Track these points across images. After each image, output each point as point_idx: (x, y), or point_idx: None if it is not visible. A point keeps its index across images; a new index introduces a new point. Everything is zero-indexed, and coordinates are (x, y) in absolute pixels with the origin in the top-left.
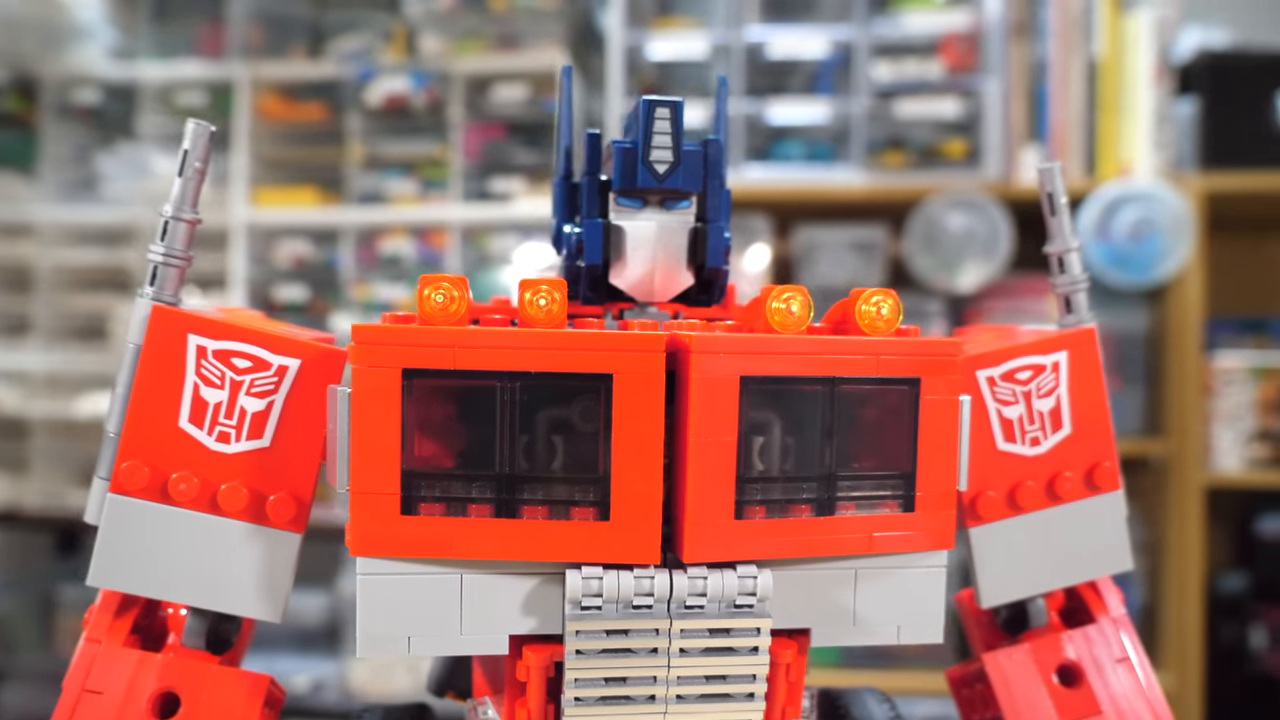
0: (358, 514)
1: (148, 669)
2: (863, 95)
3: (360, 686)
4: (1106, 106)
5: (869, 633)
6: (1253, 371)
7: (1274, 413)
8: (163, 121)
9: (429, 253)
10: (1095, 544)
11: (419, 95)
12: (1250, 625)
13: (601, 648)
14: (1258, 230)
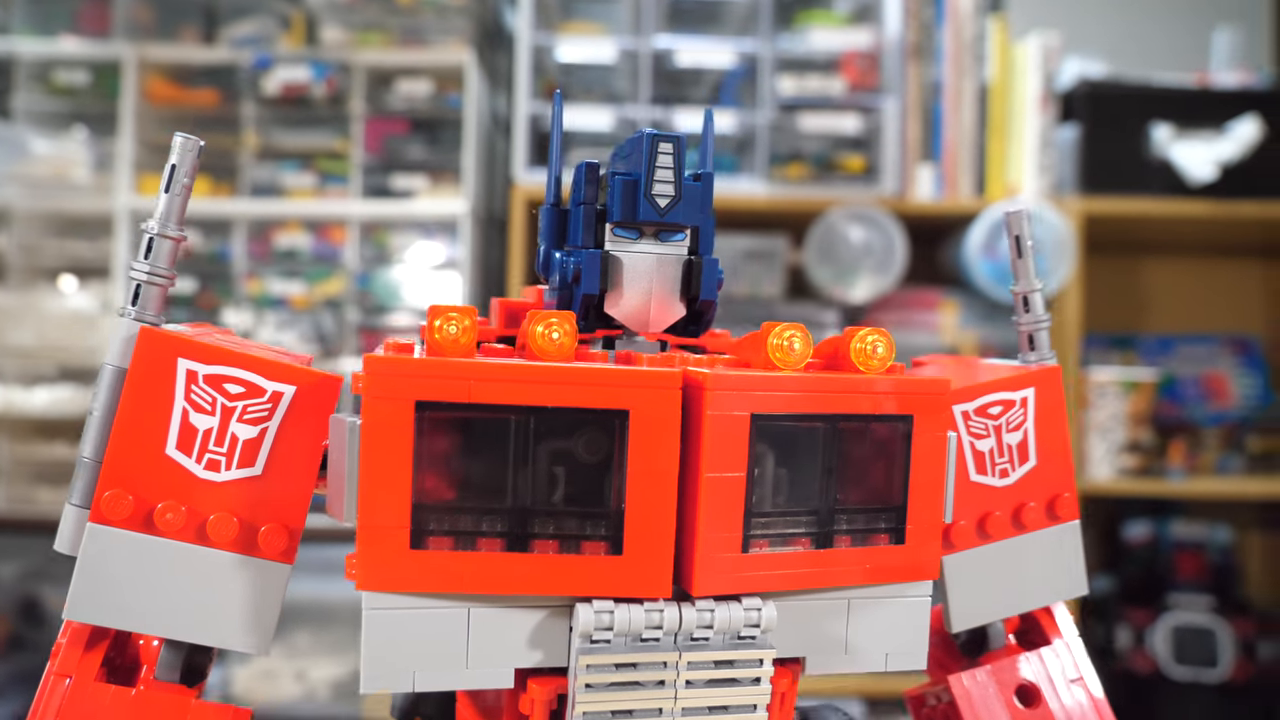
0: (366, 548)
1: (122, 706)
2: (766, 108)
3: (244, 693)
4: (996, 129)
5: (859, 661)
6: (1124, 385)
7: (1142, 425)
8: (40, 100)
9: (326, 248)
10: (1055, 570)
11: (319, 86)
12: (1116, 625)
13: (610, 681)
14: (1130, 252)
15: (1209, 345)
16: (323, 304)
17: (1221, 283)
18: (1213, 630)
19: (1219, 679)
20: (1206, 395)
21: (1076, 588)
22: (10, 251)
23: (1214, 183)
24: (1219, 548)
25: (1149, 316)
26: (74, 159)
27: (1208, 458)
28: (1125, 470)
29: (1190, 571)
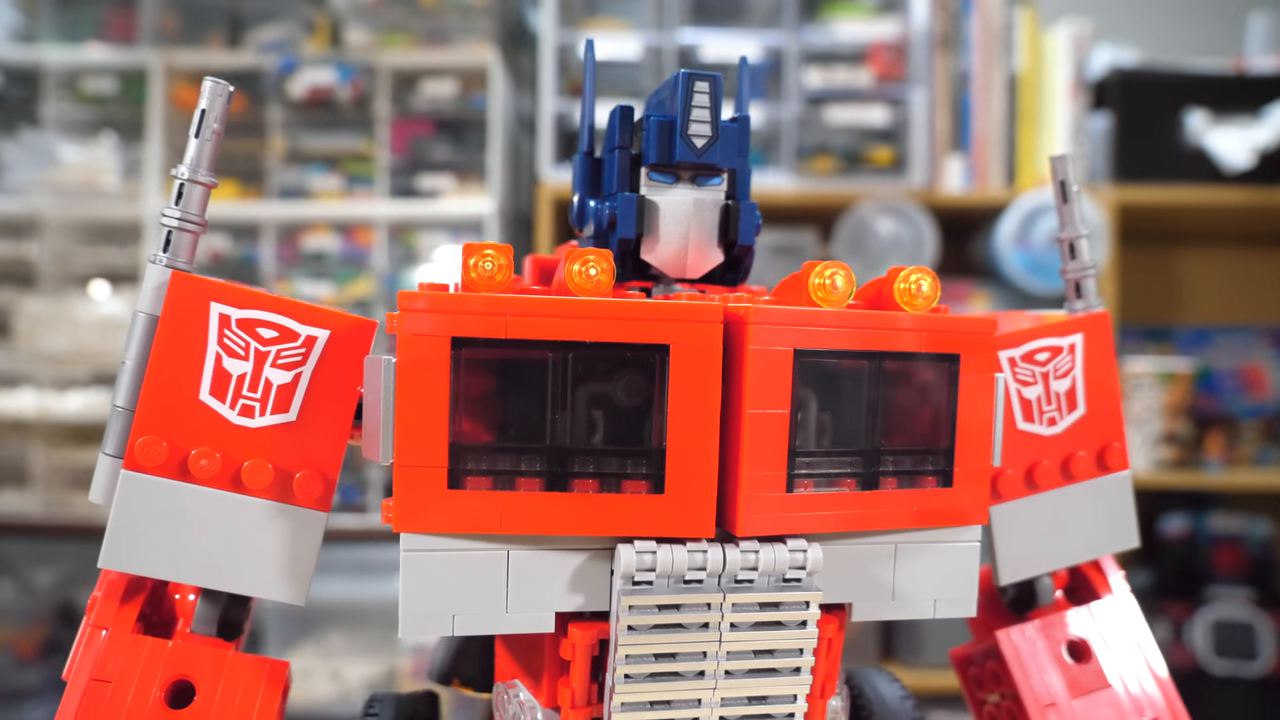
0: (403, 488)
1: (159, 656)
2: (793, 101)
3: None
4: (1026, 119)
5: (907, 607)
6: (1161, 376)
7: (1179, 417)
8: (69, 108)
9: (354, 250)
10: (1105, 522)
11: (344, 88)
12: (1154, 620)
13: (653, 623)
14: (1165, 242)
15: (1246, 336)
16: (352, 305)
17: (1259, 273)
18: (1252, 624)
19: (1259, 673)
20: (1244, 387)
21: (1127, 539)
22: (42, 259)
23: (1250, 170)
24: (1258, 541)
25: (1185, 307)
26: (103, 166)
27: (1245, 450)
28: (1162, 462)
29: (1229, 565)
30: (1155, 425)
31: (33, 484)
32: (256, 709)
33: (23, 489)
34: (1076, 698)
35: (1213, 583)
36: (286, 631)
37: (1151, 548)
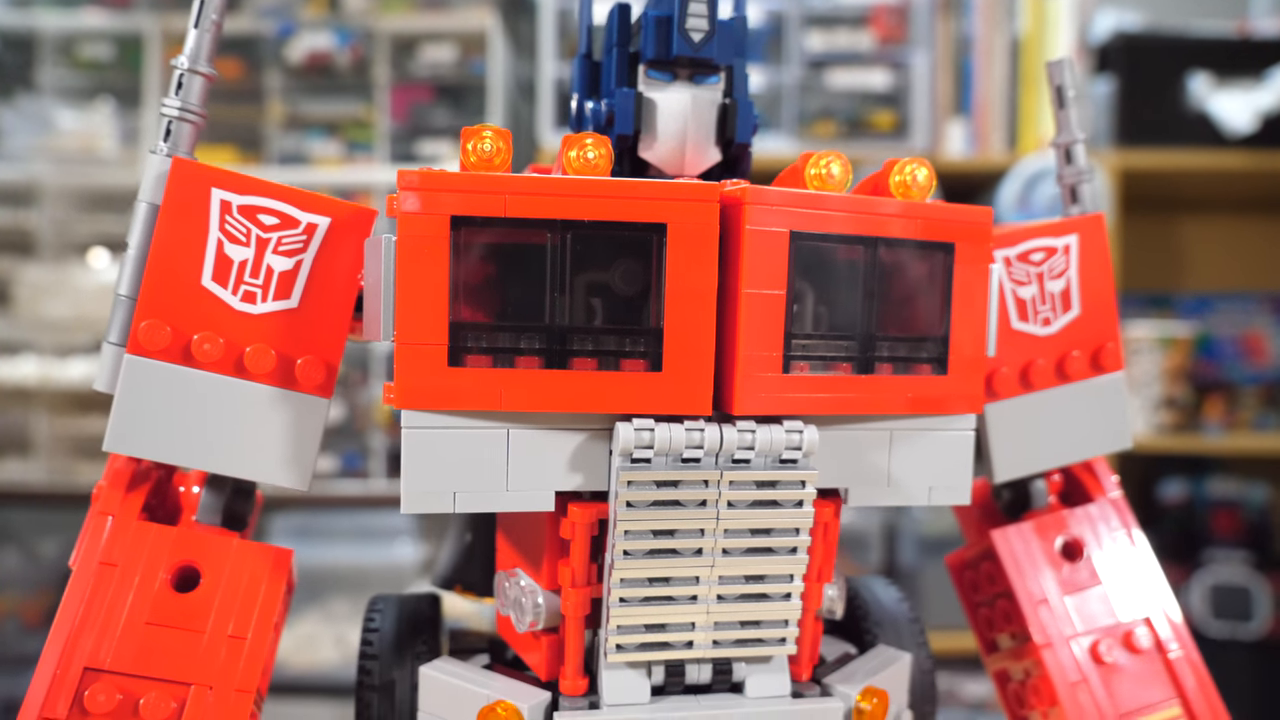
0: (404, 366)
1: (165, 541)
2: (794, 65)
3: (284, 658)
4: (1028, 83)
5: (902, 494)
6: (1161, 341)
7: (1178, 381)
8: (65, 74)
9: None
10: (1099, 422)
11: (343, 53)
12: None
13: (652, 499)
14: (1167, 209)
15: (1247, 304)
16: None
17: (1260, 240)
18: (1249, 587)
19: (1256, 635)
20: (1244, 354)
21: (1120, 440)
22: (41, 227)
23: (1253, 134)
24: (1256, 506)
25: (1186, 275)
26: (100, 132)
27: (1245, 415)
28: (1161, 426)
29: (1227, 529)
30: (1155, 390)
31: (36, 452)
32: (261, 595)
33: (26, 458)
34: (1069, 594)
35: (1210, 546)
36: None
37: (1150, 512)
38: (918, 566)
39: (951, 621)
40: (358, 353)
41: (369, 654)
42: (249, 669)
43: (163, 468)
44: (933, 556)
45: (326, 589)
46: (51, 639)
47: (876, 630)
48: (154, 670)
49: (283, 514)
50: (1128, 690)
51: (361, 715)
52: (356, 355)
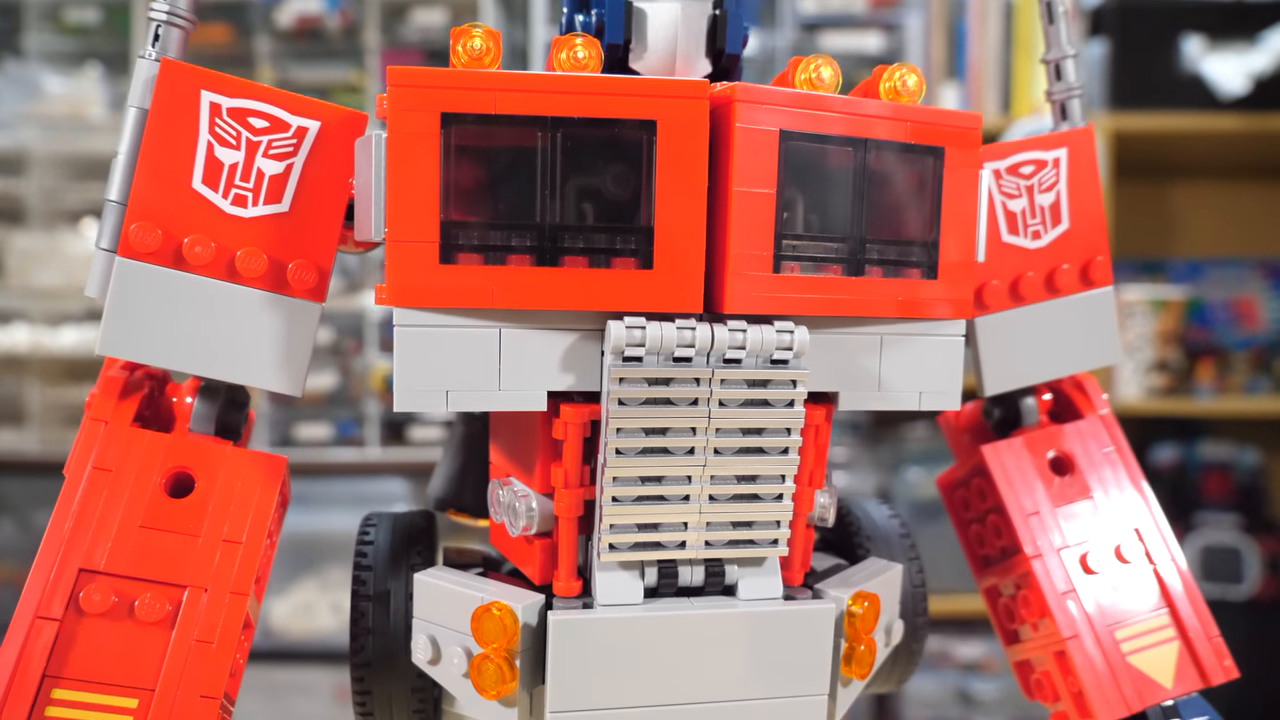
0: (395, 263)
1: (159, 447)
2: (787, 28)
3: (281, 626)
4: (1022, 47)
5: (892, 398)
6: (1153, 304)
7: (1171, 344)
8: (51, 39)
9: None
10: (1089, 337)
11: (332, 18)
12: None
13: (643, 397)
14: (1159, 175)
15: (1239, 269)
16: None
17: (1251, 206)
18: (1239, 549)
19: (1245, 595)
20: (1236, 319)
21: (1110, 355)
22: (31, 195)
23: (1245, 96)
24: (1247, 469)
25: (1178, 240)
26: (89, 97)
27: (1236, 380)
28: (1153, 389)
29: (1218, 491)
30: (1147, 353)
31: (29, 422)
32: (255, 500)
33: (20, 428)
34: (1059, 507)
35: (1201, 509)
36: (287, 565)
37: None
38: (911, 529)
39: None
40: (351, 321)
41: (363, 565)
42: (244, 572)
43: (155, 378)
44: (926, 520)
45: (322, 557)
46: (46, 541)
47: (868, 544)
48: (149, 573)
49: None
50: (1117, 600)
51: (357, 624)
52: (350, 324)
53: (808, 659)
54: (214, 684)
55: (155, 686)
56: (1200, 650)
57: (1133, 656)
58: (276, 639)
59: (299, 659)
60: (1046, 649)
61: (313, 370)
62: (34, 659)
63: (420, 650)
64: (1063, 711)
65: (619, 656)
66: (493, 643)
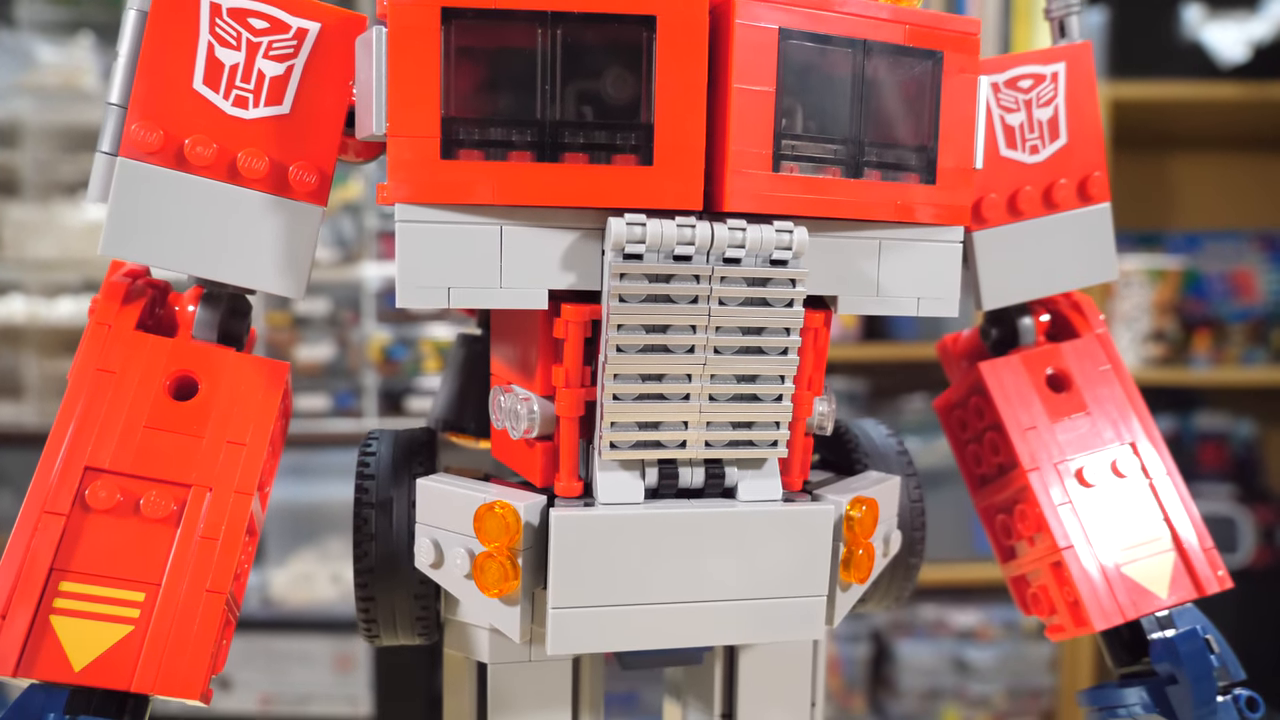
0: (396, 159)
1: (162, 350)
2: None
3: (281, 596)
4: (1020, 14)
5: (890, 304)
6: (1150, 274)
7: (1167, 314)
8: (43, 9)
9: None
10: (1086, 252)
11: None
12: None
13: (644, 294)
14: (1158, 146)
15: (1237, 241)
16: (342, 209)
17: (1249, 178)
18: (1234, 518)
19: (1239, 565)
20: (1233, 291)
21: (1107, 271)
22: (25, 166)
23: (1245, 64)
24: (1242, 440)
25: (1176, 213)
26: (82, 66)
27: (1233, 351)
28: (1149, 359)
29: (1213, 461)
30: (1144, 323)
31: (26, 394)
32: (259, 404)
33: (17, 400)
34: (1056, 422)
35: (1197, 479)
36: (287, 537)
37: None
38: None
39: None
40: (349, 293)
41: (365, 474)
42: (248, 472)
43: (157, 287)
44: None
45: (321, 528)
46: (51, 440)
47: (866, 461)
48: (154, 471)
49: None
50: (1112, 512)
51: (360, 531)
52: (347, 295)
53: (806, 560)
54: (220, 579)
55: (161, 581)
56: (1195, 561)
57: (1128, 567)
58: (276, 609)
59: (298, 628)
60: (1043, 561)
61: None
62: (41, 552)
63: (423, 554)
64: (1058, 624)
65: (620, 554)
66: (495, 541)
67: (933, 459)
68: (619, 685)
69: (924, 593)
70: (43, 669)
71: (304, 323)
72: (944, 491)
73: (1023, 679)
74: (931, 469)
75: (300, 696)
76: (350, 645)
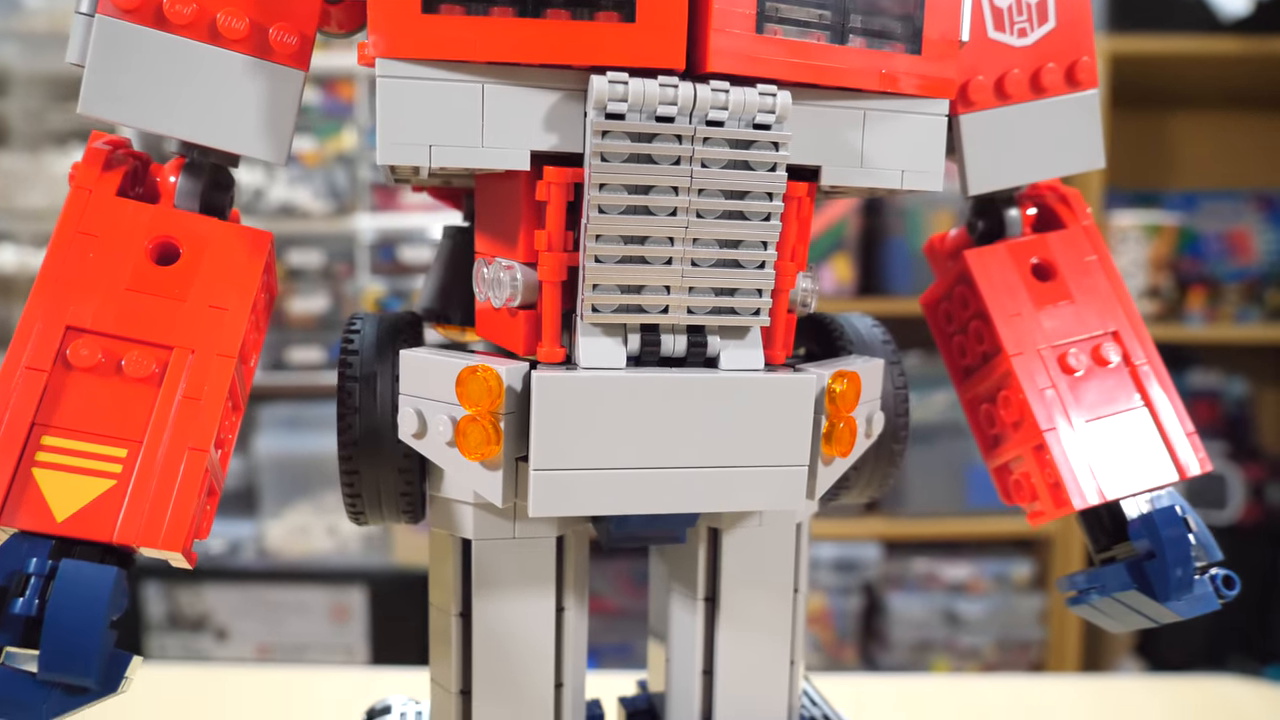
0: (377, 13)
1: (144, 215)
2: None
3: (277, 547)
4: None
5: (875, 175)
6: (1146, 230)
7: (1163, 271)
8: None
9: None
10: (1073, 139)
11: None
12: None
13: (626, 154)
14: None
15: (1234, 201)
16: (335, 160)
17: (1248, 138)
18: (1224, 475)
19: (1228, 520)
20: (1229, 251)
21: (1094, 159)
22: (14, 116)
23: (1247, 17)
24: (1234, 399)
25: (1174, 173)
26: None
27: (1227, 310)
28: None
29: (1205, 418)
30: (1140, 279)
31: None
32: (240, 270)
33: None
34: (1040, 309)
35: None
36: (283, 492)
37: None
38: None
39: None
40: (342, 245)
41: (350, 350)
42: (230, 336)
43: (139, 157)
44: (915, 445)
45: (316, 480)
46: (31, 301)
47: (850, 348)
48: (136, 332)
49: (270, 405)
50: (1094, 398)
51: (344, 404)
52: (341, 247)
53: (787, 430)
54: (202, 437)
55: (143, 438)
56: (1176, 445)
57: (1108, 450)
58: (272, 559)
59: (294, 579)
60: (1025, 446)
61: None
62: (22, 406)
63: (406, 424)
64: (1039, 509)
65: (601, 417)
66: (477, 404)
67: (928, 414)
68: (611, 636)
69: (916, 546)
70: (25, 518)
71: (298, 275)
72: (938, 446)
73: (1012, 631)
74: (926, 423)
75: (297, 646)
76: (346, 596)
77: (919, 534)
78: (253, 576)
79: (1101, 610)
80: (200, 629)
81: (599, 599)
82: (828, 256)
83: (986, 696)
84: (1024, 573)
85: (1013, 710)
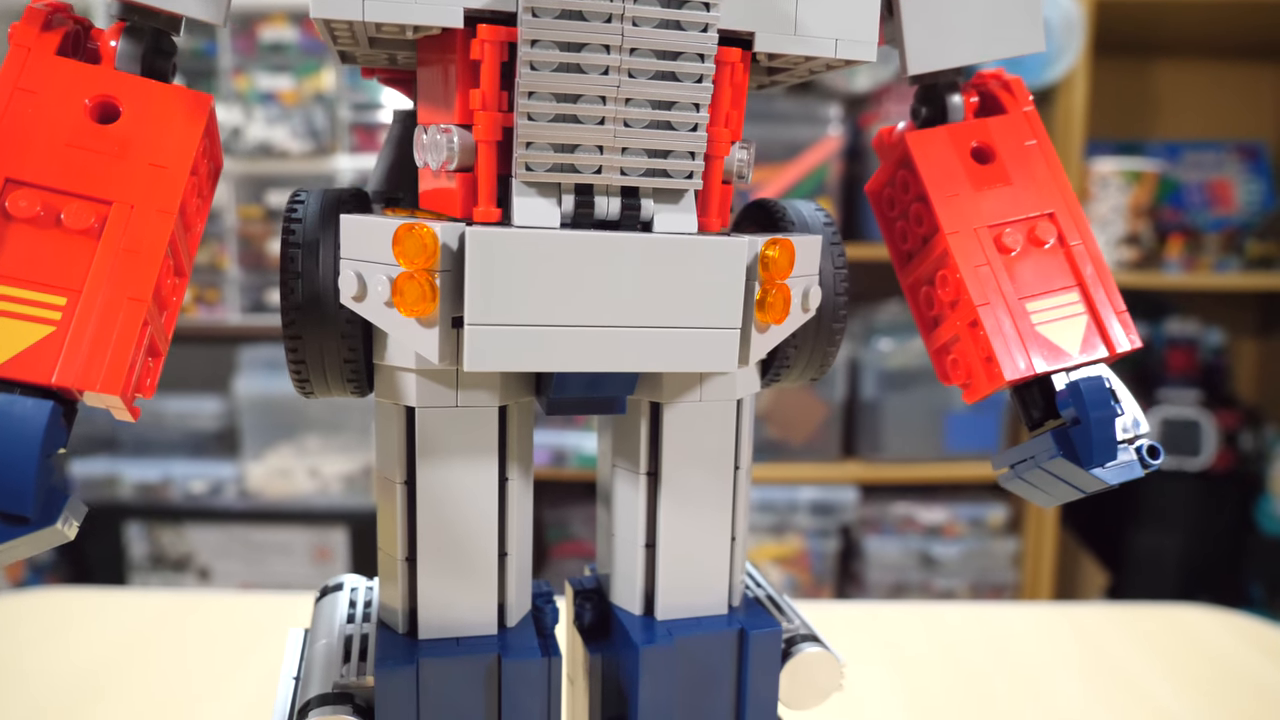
0: None
1: (83, 75)
2: None
3: (259, 488)
4: None
5: (809, 43)
6: (1127, 175)
7: (1142, 218)
8: None
9: (314, 42)
10: (1014, 20)
11: None
12: None
13: (559, 9)
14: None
15: (1217, 151)
16: (313, 99)
17: (1232, 88)
18: (1198, 421)
19: (1200, 467)
20: (1210, 201)
21: (1034, 43)
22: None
23: None
24: (1211, 348)
25: (1156, 122)
26: None
27: (1206, 259)
28: (1123, 263)
29: (1181, 367)
30: (1119, 226)
31: None
32: (180, 131)
33: None
34: (978, 190)
35: (1164, 384)
36: (264, 434)
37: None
38: (879, 399)
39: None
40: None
41: (293, 218)
42: (170, 192)
43: (80, 22)
44: (893, 390)
45: (298, 423)
46: None
47: (790, 227)
48: (75, 186)
49: (250, 347)
50: (1029, 277)
51: (285, 271)
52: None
53: (719, 292)
54: (140, 288)
55: (83, 288)
56: (1107, 322)
57: (1041, 327)
58: (253, 500)
59: (276, 519)
60: (961, 323)
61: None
62: None
63: (347, 286)
64: (974, 385)
65: (534, 274)
66: (414, 261)
67: (904, 359)
68: None
69: (893, 490)
70: None
71: (277, 215)
72: (915, 392)
73: (986, 574)
74: (903, 369)
75: (279, 586)
76: (328, 537)
77: (896, 478)
78: (235, 517)
79: (1032, 483)
80: (183, 569)
81: (577, 542)
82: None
83: (952, 620)
84: (999, 516)
85: (980, 634)
